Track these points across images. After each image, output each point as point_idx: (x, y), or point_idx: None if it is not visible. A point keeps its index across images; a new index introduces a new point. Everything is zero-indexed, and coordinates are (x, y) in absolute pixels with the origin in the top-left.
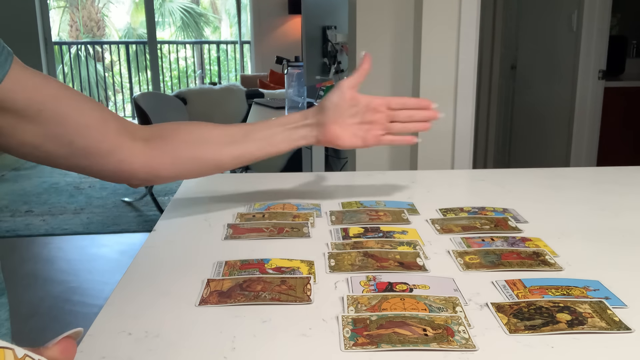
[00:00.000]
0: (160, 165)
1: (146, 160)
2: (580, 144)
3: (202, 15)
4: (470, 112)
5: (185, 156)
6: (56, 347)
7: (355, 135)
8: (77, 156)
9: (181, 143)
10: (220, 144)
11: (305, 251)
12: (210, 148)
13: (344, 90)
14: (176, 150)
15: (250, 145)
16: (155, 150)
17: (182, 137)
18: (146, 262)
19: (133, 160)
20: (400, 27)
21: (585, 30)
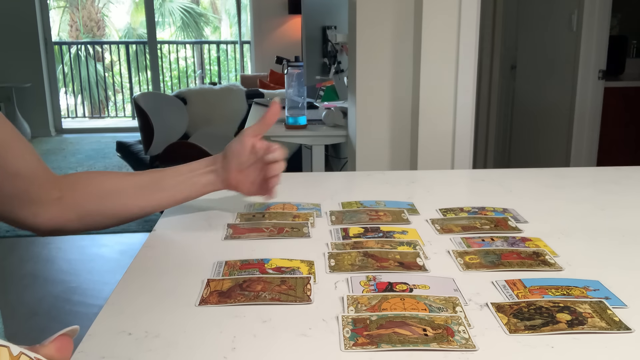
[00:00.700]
0: (67, 221)
1: (55, 215)
2: (580, 144)
3: (202, 15)
4: (470, 112)
5: (91, 211)
6: (52, 345)
7: (254, 183)
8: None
9: (88, 198)
10: (128, 196)
11: (305, 251)
12: (117, 201)
13: (244, 139)
14: (83, 206)
15: (158, 196)
16: (64, 206)
17: (89, 192)
18: (146, 262)
19: (45, 214)
20: (400, 27)
21: (585, 30)
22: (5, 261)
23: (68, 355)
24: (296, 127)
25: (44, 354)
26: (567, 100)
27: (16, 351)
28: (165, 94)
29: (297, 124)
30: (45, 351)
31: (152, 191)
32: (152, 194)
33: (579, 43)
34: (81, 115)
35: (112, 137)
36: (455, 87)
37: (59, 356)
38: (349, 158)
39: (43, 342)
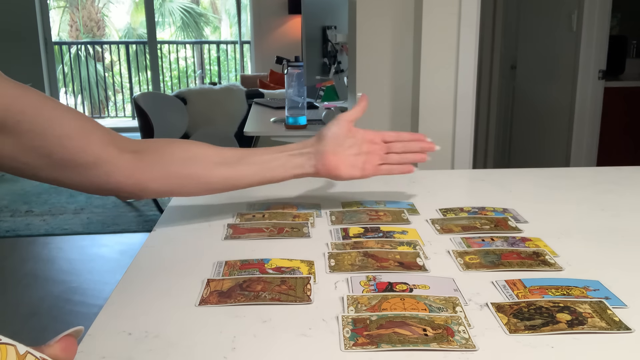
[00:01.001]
0: (148, 179)
1: (134, 173)
2: (580, 144)
3: (202, 15)
4: (470, 112)
5: (176, 172)
6: (57, 345)
7: (354, 166)
8: (58, 168)
9: (173, 158)
10: (212, 163)
11: (305, 251)
12: (201, 167)
13: (342, 123)
14: (167, 166)
15: (244, 169)
16: (145, 164)
17: (174, 153)
18: (146, 262)
19: (119, 172)
20: (400, 27)
21: (585, 30)
22: (5, 261)
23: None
24: (296, 127)
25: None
26: (567, 100)
27: (22, 350)
28: (165, 94)
29: (297, 124)
30: (51, 351)
31: (237, 164)
32: (237, 167)
33: (579, 43)
34: None
35: None
36: (455, 87)
37: (64, 356)
38: None
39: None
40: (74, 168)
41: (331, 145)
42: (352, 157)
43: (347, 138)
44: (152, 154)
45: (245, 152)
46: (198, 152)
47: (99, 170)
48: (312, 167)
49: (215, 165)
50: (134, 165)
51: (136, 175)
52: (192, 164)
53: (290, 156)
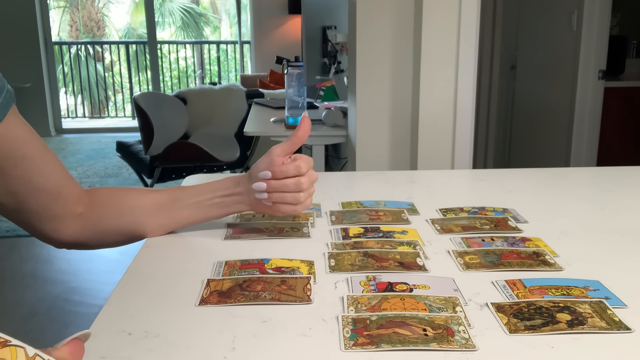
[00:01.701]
0: (87, 237)
1: (74, 232)
2: (580, 144)
3: (202, 15)
4: (470, 112)
5: (110, 228)
6: (65, 348)
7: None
8: (22, 214)
9: (108, 215)
10: (147, 213)
11: (305, 251)
12: (135, 219)
13: (273, 159)
14: (102, 223)
15: (177, 214)
16: (84, 223)
17: (108, 209)
18: (146, 262)
19: (66, 231)
20: (400, 27)
21: (585, 30)
22: (5, 261)
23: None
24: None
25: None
26: (567, 100)
27: (32, 352)
28: (165, 94)
29: (297, 124)
30: (58, 354)
31: (172, 209)
32: (172, 212)
33: (579, 43)
34: (81, 115)
35: (112, 137)
36: (455, 87)
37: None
38: (349, 158)
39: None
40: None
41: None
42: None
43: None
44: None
45: (180, 193)
46: (132, 204)
47: (50, 225)
48: (247, 205)
49: (149, 214)
50: (76, 224)
51: (76, 234)
52: (126, 219)
53: (225, 196)
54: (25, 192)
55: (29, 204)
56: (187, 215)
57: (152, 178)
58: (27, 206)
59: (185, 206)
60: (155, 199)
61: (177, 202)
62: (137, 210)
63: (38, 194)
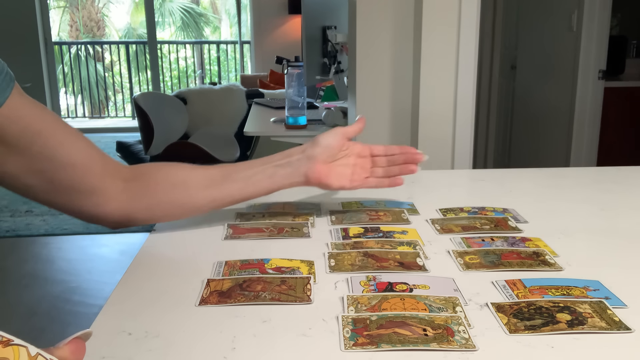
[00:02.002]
0: (135, 210)
1: (121, 205)
2: (580, 144)
3: (202, 15)
4: (470, 112)
5: (161, 201)
6: (67, 347)
7: (342, 176)
8: (56, 192)
9: (158, 187)
10: (197, 187)
11: (305, 251)
12: (186, 192)
13: (339, 136)
14: (152, 195)
15: (229, 187)
16: (132, 195)
17: (159, 180)
18: (146, 262)
19: (109, 204)
20: (400, 27)
21: (585, 30)
22: (5, 261)
23: (81, 358)
24: (296, 127)
25: (58, 356)
26: (567, 100)
27: (34, 352)
28: (165, 94)
29: (297, 124)
30: (60, 353)
31: (222, 184)
32: (222, 186)
33: (579, 43)
34: (81, 115)
35: (112, 137)
36: (455, 87)
37: (73, 358)
38: None
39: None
40: (71, 195)
41: (324, 154)
42: (341, 167)
43: (340, 151)
44: (140, 182)
45: (230, 168)
46: (184, 178)
47: (91, 201)
48: (302, 176)
49: (201, 188)
50: (122, 197)
51: (123, 207)
52: (178, 191)
53: (276, 167)
54: (52, 168)
55: (60, 180)
56: (238, 189)
57: None
58: (59, 184)
59: (237, 180)
60: (207, 174)
61: (228, 177)
62: (188, 183)
63: (66, 168)
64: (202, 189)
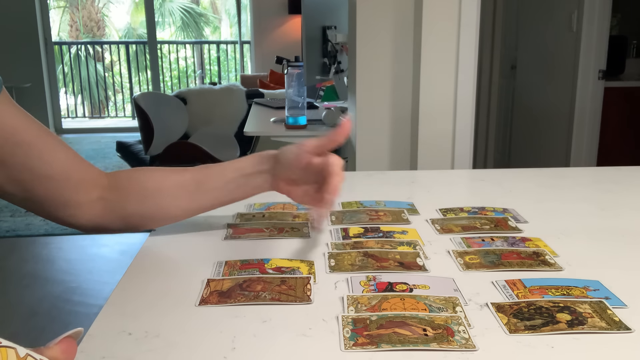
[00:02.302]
0: (108, 221)
1: (94, 218)
2: (580, 144)
3: (202, 15)
4: (470, 112)
5: (133, 212)
6: (57, 347)
7: (306, 194)
8: (32, 202)
9: (130, 199)
10: (169, 198)
11: (305, 251)
12: (158, 204)
13: (301, 155)
14: (124, 207)
15: (201, 198)
16: (105, 207)
17: (132, 192)
18: (146, 262)
19: (83, 216)
20: (400, 27)
21: (585, 30)
22: (5, 261)
23: (72, 357)
24: (296, 127)
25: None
26: (567, 100)
27: (22, 353)
28: (165, 94)
29: (297, 124)
30: (50, 353)
31: (196, 193)
32: (195, 196)
33: (579, 43)
34: (81, 115)
35: (112, 137)
36: (455, 87)
37: (64, 358)
38: (349, 158)
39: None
40: (48, 205)
41: (285, 172)
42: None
43: (302, 171)
44: (114, 193)
45: (203, 176)
46: (156, 188)
47: (67, 212)
48: (269, 187)
49: (173, 198)
50: (95, 210)
51: (96, 219)
52: (150, 203)
53: (247, 176)
54: (30, 179)
55: (37, 191)
56: (211, 199)
57: None
58: (35, 194)
59: (210, 190)
60: (179, 182)
61: (201, 186)
62: (160, 193)
63: (43, 180)
64: (174, 200)
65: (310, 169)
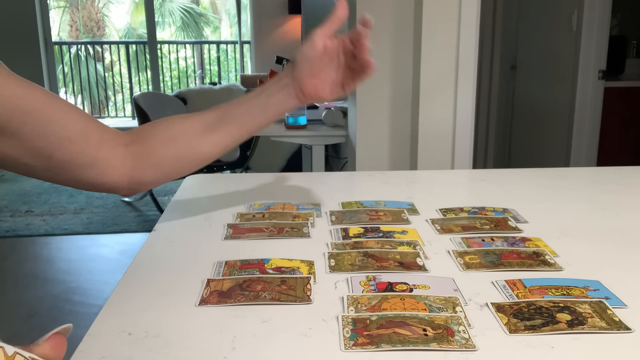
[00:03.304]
0: (142, 173)
1: (127, 170)
2: (580, 144)
3: (202, 15)
4: (470, 112)
5: (165, 157)
6: (46, 344)
7: (334, 84)
8: (58, 169)
9: (159, 144)
10: (197, 135)
11: (305, 251)
12: (188, 142)
13: (315, 42)
14: (155, 154)
15: (229, 128)
16: (135, 159)
17: (158, 138)
18: (146, 262)
19: (114, 172)
20: (400, 27)
21: (585, 30)
22: (5, 261)
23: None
24: (296, 127)
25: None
26: (567, 100)
27: (11, 351)
28: (165, 94)
29: (297, 124)
30: (40, 350)
31: (220, 126)
32: (221, 128)
33: (579, 43)
34: None
35: None
36: (455, 86)
37: (53, 354)
38: (349, 158)
39: (37, 340)
40: (72, 169)
41: (306, 70)
42: (332, 74)
43: (322, 57)
44: (140, 145)
45: (223, 109)
46: (182, 129)
47: (95, 171)
48: (294, 98)
49: (200, 136)
50: (126, 162)
51: (130, 172)
52: (180, 144)
53: (269, 96)
54: (48, 146)
55: (58, 157)
56: (237, 128)
57: None
58: (59, 160)
59: (234, 118)
60: (202, 120)
61: (224, 117)
62: (187, 133)
63: (62, 143)
64: (202, 136)
65: (328, 53)
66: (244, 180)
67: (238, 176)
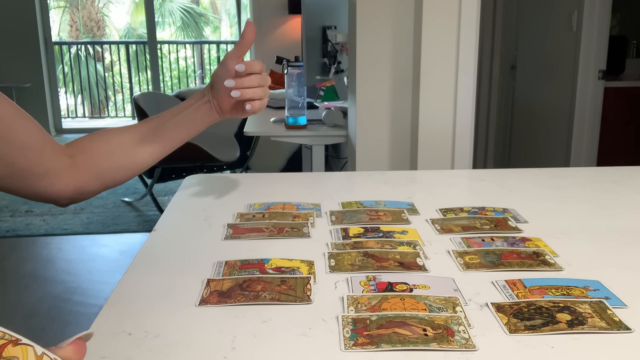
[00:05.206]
0: (85, 182)
1: (72, 181)
2: (580, 144)
3: (202, 15)
4: (470, 112)
5: (106, 168)
6: (70, 347)
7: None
8: (13, 177)
9: (99, 157)
10: (134, 146)
11: (305, 251)
12: (126, 154)
13: (227, 64)
14: (96, 166)
15: (163, 138)
16: (79, 169)
17: (98, 150)
18: (146, 262)
19: (62, 182)
20: (400, 28)
21: (585, 30)
22: (5, 261)
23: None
24: (296, 127)
25: (61, 355)
26: (567, 100)
27: (40, 351)
28: (165, 94)
29: (297, 124)
30: (63, 353)
31: (155, 136)
32: (156, 138)
33: (579, 43)
34: (81, 115)
35: None
36: (455, 87)
37: (75, 358)
38: (349, 158)
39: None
40: (27, 178)
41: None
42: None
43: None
44: (82, 156)
45: (155, 121)
46: (119, 141)
47: (47, 181)
48: (217, 112)
49: (137, 147)
50: (71, 173)
51: (74, 182)
52: (119, 155)
53: (195, 110)
54: (11, 152)
55: (19, 164)
56: (172, 137)
57: (152, 178)
58: (18, 167)
59: (168, 129)
60: (137, 132)
61: (158, 129)
62: (124, 145)
63: (24, 151)
64: (139, 147)
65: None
66: (244, 180)
67: (238, 176)
